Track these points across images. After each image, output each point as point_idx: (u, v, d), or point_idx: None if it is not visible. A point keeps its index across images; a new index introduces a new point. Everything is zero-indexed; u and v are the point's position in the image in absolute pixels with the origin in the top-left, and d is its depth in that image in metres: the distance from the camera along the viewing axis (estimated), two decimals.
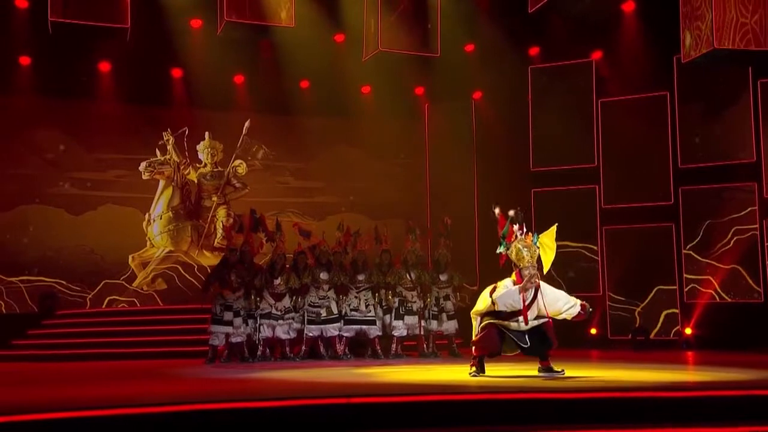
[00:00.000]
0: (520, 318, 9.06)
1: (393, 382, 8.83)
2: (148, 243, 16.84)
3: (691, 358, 12.66)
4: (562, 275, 14.99)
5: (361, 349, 12.90)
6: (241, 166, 17.15)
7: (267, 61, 16.21)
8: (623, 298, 15.38)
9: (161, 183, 16.83)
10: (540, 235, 9.30)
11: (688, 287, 14.88)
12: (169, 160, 16.71)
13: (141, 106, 16.66)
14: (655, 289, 15.11)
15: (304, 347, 12.49)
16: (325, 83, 16.80)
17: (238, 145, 17.00)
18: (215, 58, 15.78)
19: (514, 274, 9.15)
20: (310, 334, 12.50)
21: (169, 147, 16.68)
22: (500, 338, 9.21)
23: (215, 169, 17.07)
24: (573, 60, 15.76)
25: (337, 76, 16.52)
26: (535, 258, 9.04)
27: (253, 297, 12.31)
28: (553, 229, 9.36)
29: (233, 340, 12.31)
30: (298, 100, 17.13)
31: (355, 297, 12.82)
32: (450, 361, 12.12)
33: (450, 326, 13.06)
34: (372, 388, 8.19)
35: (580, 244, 15.63)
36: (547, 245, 9.24)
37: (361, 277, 12.82)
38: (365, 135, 17.65)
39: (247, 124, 16.92)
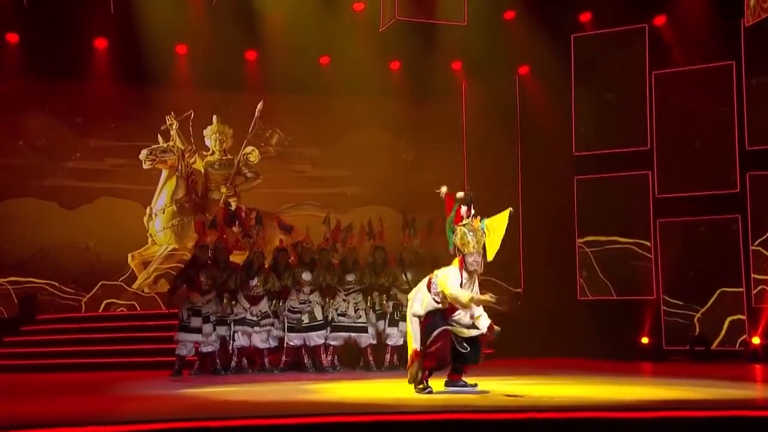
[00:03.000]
0: (472, 324, 8.98)
1: (327, 401, 8.60)
2: (149, 240, 16.93)
3: (759, 373, 12.41)
4: (610, 276, 14.87)
5: (352, 359, 12.79)
6: (253, 154, 17.14)
7: (281, 34, 16.18)
8: (680, 303, 15.07)
9: (164, 173, 16.89)
10: (488, 219, 9.23)
11: (757, 289, 14.54)
12: (173, 147, 16.77)
13: (141, 86, 16.67)
14: (718, 292, 14.78)
15: (284, 358, 12.42)
16: (347, 59, 16.63)
17: (250, 129, 17.03)
18: (223, 31, 15.79)
19: (456, 261, 9.05)
20: (291, 343, 12.42)
21: (173, 132, 16.72)
22: (452, 348, 9.09)
23: (224, 157, 17.08)
24: (623, 26, 15.49)
25: (362, 51, 16.36)
26: (482, 244, 8.99)
27: (225, 300, 12.20)
28: (506, 213, 9.28)
29: (203, 349, 12.24)
30: (317, 78, 17.08)
31: (344, 300, 12.68)
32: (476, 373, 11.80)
33: None
34: (296, 407, 8.07)
35: (630, 240, 15.33)
36: (494, 230, 9.16)
37: (350, 278, 12.71)
38: (394, 117, 17.60)
39: (259, 106, 16.95)
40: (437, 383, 9.33)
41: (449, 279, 8.91)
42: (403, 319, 12.13)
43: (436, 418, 7.24)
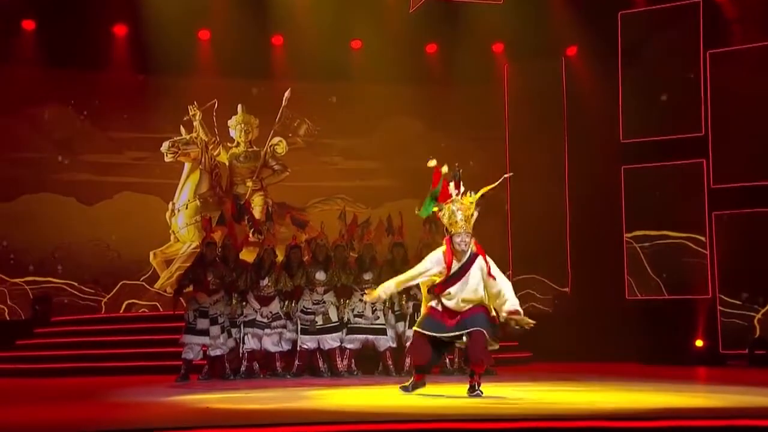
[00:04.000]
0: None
1: (319, 409, 8.32)
2: (172, 237, 16.79)
3: None
4: (660, 274, 14.64)
5: (370, 363, 12.55)
6: (280, 145, 16.89)
7: (309, 17, 16.04)
8: (738, 302, 14.68)
9: (187, 166, 16.74)
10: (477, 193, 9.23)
11: None
12: (196, 138, 16.58)
13: (162, 75, 16.61)
14: None
15: (297, 362, 12.20)
16: (380, 42, 16.46)
17: (277, 119, 16.81)
18: (248, 15, 15.71)
19: (444, 242, 9.04)
20: (305, 346, 12.18)
21: (196, 123, 16.54)
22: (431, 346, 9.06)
23: (250, 149, 16.86)
24: (675, 1, 15.13)
25: (395, 34, 16.22)
26: (471, 223, 8.97)
27: (234, 301, 12.01)
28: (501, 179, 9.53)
29: (211, 353, 11.99)
30: (348, 64, 16.95)
31: (360, 300, 12.30)
32: (483, 379, 11.40)
33: None
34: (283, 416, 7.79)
35: (682, 235, 15.01)
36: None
37: (368, 277, 12.41)
38: (430, 104, 17.39)
39: (287, 94, 16.71)
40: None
41: (423, 262, 9.02)
42: None
43: (426, 426, 6.95)
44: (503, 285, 8.92)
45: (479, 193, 9.23)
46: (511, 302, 8.84)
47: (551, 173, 16.65)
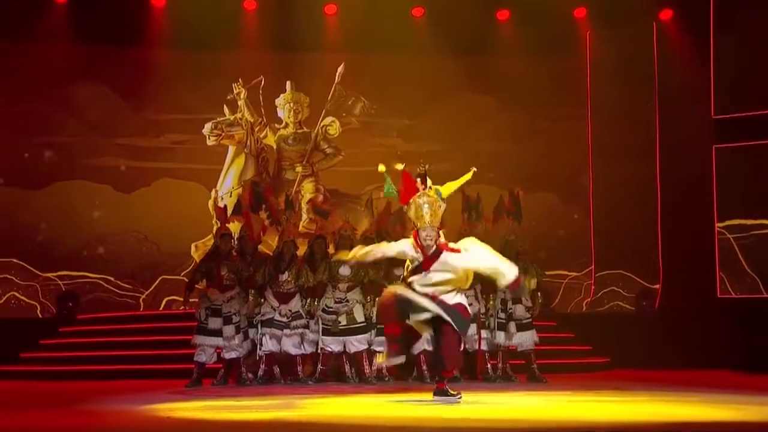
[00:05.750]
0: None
1: (302, 421, 7.99)
2: (215, 228, 16.09)
3: None
4: (758, 269, 14.10)
5: (404, 369, 11.91)
6: (333, 126, 16.62)
7: None
8: None
9: (231, 150, 16.53)
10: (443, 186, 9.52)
11: None
12: (241, 119, 16.40)
13: (204, 50, 16.49)
14: None
15: (320, 366, 11.83)
16: (445, 9, 16.33)
17: (329, 97, 16.53)
18: None
19: (411, 235, 9.25)
20: (328, 349, 11.78)
21: (241, 103, 16.35)
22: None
23: (299, 130, 16.62)
24: None
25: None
26: (438, 218, 9.16)
27: (251, 298, 11.68)
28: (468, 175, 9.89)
29: (225, 355, 11.67)
30: (408, 34, 16.68)
31: None
32: (527, 387, 11.13)
33: (525, 339, 11.94)
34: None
35: None
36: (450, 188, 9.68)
37: (398, 272, 11.65)
38: (501, 78, 17.05)
39: (340, 69, 16.44)
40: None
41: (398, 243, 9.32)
42: None
43: None
44: (488, 260, 9.04)
45: (446, 188, 9.55)
46: (506, 276, 8.97)
47: (640, 154, 16.21)
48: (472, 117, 17.01)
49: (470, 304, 11.47)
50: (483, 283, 11.63)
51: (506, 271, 8.90)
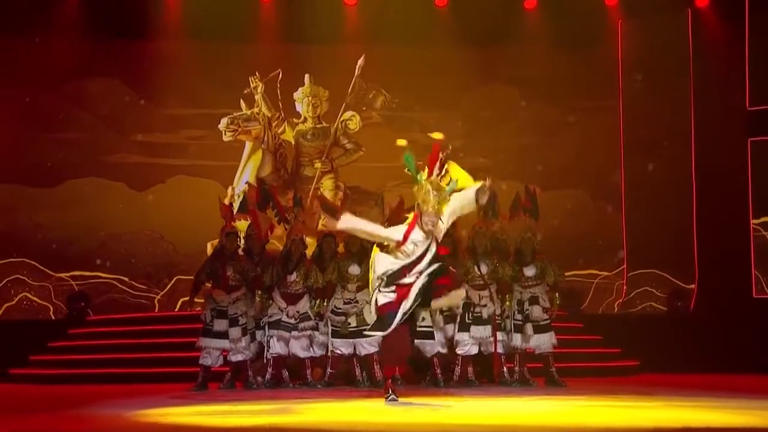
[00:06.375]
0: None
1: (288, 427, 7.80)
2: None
3: None
4: None
5: (418, 372, 11.88)
6: (353, 120, 16.30)
7: None
8: None
9: (248, 146, 16.30)
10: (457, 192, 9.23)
11: None
12: (258, 114, 16.14)
13: (219, 43, 16.56)
14: None
15: (329, 369, 11.65)
16: None
17: (350, 90, 16.13)
18: None
19: (411, 215, 9.26)
20: (337, 351, 11.59)
21: (258, 97, 16.09)
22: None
23: (318, 125, 16.35)
24: None
25: None
26: (441, 210, 9.02)
27: (258, 299, 11.50)
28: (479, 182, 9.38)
29: (232, 358, 11.53)
30: (431, 25, 16.66)
31: None
32: (544, 391, 10.89)
33: (543, 341, 11.69)
34: None
35: None
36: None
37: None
38: (527, 70, 17.01)
39: (360, 61, 16.04)
40: None
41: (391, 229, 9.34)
42: (476, 322, 11.56)
43: None
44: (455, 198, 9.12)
45: (456, 186, 9.22)
46: (473, 194, 9.03)
47: (674, 148, 16.05)
48: (497, 110, 16.95)
49: (485, 305, 11.57)
50: (499, 284, 11.56)
51: (470, 192, 9.01)
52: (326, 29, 16.21)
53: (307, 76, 16.16)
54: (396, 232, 9.17)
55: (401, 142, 9.81)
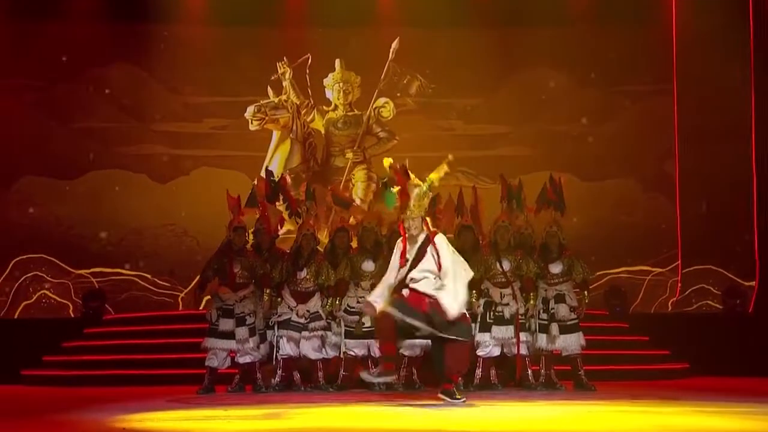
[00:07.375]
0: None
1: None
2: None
3: None
4: None
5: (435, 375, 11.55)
6: (386, 107, 16.22)
7: None
8: None
9: (275, 135, 16.28)
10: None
11: None
12: (286, 102, 16.13)
13: (245, 27, 16.51)
14: None
15: (342, 372, 11.39)
16: None
17: (383, 76, 16.08)
18: None
19: (398, 228, 9.69)
20: (351, 353, 11.31)
21: (286, 83, 16.10)
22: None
23: (350, 113, 16.28)
24: None
25: None
26: (423, 209, 9.38)
27: (267, 297, 11.31)
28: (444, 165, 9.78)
29: (239, 359, 11.33)
30: (469, 6, 16.51)
31: None
32: (570, 396, 10.53)
33: (570, 342, 11.31)
34: None
35: None
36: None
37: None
38: (575, 52, 16.84)
39: (394, 45, 16.02)
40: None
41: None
42: (498, 321, 11.27)
43: None
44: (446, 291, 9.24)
45: (428, 181, 9.58)
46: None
47: (733, 134, 15.68)
48: (541, 95, 16.74)
49: (507, 304, 11.25)
50: (522, 281, 11.31)
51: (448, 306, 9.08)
52: (358, 11, 16.17)
53: (337, 61, 16.12)
54: (395, 260, 9.39)
55: (387, 162, 9.94)
